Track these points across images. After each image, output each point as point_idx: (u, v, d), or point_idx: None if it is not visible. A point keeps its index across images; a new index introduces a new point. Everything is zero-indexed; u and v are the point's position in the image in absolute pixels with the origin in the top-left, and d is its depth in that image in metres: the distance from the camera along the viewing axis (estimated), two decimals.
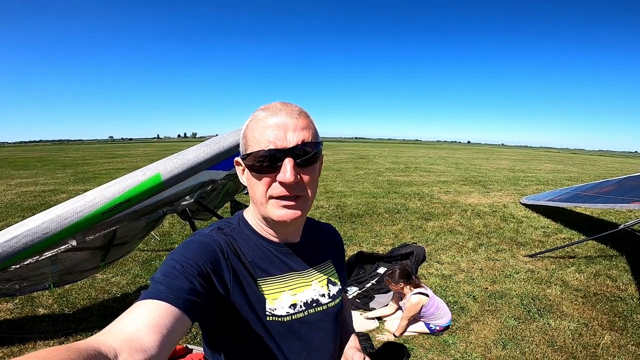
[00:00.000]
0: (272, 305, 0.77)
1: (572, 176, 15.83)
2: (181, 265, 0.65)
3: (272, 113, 0.71)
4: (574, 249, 5.03)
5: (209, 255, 0.71)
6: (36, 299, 3.34)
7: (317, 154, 0.74)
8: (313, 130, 0.74)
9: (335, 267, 0.94)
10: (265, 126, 0.70)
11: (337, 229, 4.57)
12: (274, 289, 0.78)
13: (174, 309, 0.58)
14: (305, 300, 0.82)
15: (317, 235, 0.93)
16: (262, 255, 0.79)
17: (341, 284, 0.93)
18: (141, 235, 3.12)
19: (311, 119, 0.75)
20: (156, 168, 2.06)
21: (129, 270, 4.05)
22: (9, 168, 16.90)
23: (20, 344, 2.65)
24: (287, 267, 0.82)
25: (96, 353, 0.45)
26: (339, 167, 17.21)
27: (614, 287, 3.82)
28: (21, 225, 1.92)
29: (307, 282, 0.84)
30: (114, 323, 0.55)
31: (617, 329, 3.03)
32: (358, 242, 5.28)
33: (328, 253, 0.94)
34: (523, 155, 39.53)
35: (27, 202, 8.11)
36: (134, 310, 0.57)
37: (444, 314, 2.98)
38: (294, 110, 0.72)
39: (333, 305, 0.86)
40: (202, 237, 0.75)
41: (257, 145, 0.70)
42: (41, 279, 2.42)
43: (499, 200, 8.93)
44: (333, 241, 0.98)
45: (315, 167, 0.75)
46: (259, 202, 0.74)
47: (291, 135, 0.69)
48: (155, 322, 0.54)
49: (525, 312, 3.29)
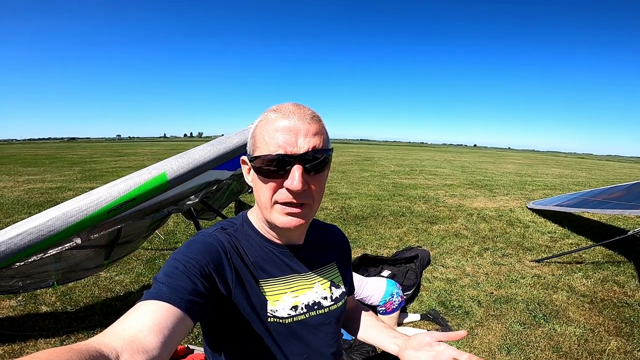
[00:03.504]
0: (274, 306, 0.77)
1: (580, 181, 15.66)
2: (184, 266, 0.65)
3: (284, 115, 0.69)
4: (581, 255, 4.97)
5: (212, 256, 0.71)
6: (39, 296, 3.36)
7: (327, 161, 0.73)
8: (324, 137, 0.73)
9: (340, 269, 0.93)
10: (275, 129, 0.68)
11: None
12: (276, 291, 0.78)
13: (176, 309, 0.58)
14: (307, 302, 0.81)
15: (323, 237, 0.93)
16: (264, 256, 0.79)
17: (346, 287, 0.92)
18: (145, 234, 3.14)
19: (323, 124, 0.74)
20: (162, 167, 2.07)
21: (132, 269, 4.06)
22: (17, 165, 17.09)
23: (21, 341, 2.65)
24: (289, 269, 0.82)
25: (98, 354, 0.45)
26: (343, 168, 17.18)
27: (621, 293, 3.77)
28: (26, 222, 1.93)
29: (309, 284, 0.83)
30: (116, 324, 0.55)
31: (623, 335, 2.99)
32: (362, 244, 5.26)
33: (333, 255, 0.93)
34: (530, 159, 39.22)
35: (34, 198, 8.20)
36: (136, 311, 0.57)
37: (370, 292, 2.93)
38: (307, 114, 0.70)
39: (335, 308, 0.86)
40: (205, 237, 0.75)
41: (266, 148, 0.69)
42: (45, 276, 2.43)
43: (506, 204, 8.85)
44: (339, 243, 0.98)
45: (323, 174, 0.74)
46: (264, 206, 0.74)
47: (302, 140, 0.68)
48: (157, 323, 0.55)
49: (531, 318, 3.25)
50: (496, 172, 19.06)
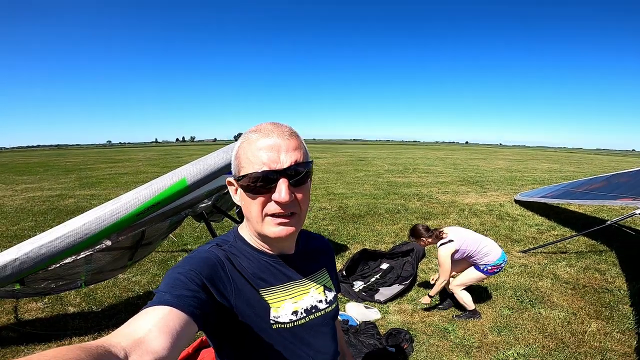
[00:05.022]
0: (276, 312, 0.81)
1: (568, 175, 16.04)
2: (185, 277, 0.68)
3: (265, 134, 0.73)
4: (566, 245, 5.27)
5: (211, 269, 0.74)
6: (64, 298, 3.52)
7: (309, 173, 0.77)
8: (304, 150, 0.77)
9: (330, 274, 1.00)
10: (258, 148, 0.72)
11: (340, 228, 4.92)
12: (276, 298, 0.82)
13: (181, 313, 0.60)
14: (306, 307, 0.86)
15: (311, 245, 0.98)
16: (260, 267, 0.83)
17: (336, 289, 1.02)
18: (164, 236, 3.34)
19: (301, 139, 0.78)
20: (182, 173, 2.27)
21: (147, 270, 4.28)
22: (11, 174, 17.00)
23: (56, 340, 2.81)
24: (285, 277, 0.86)
25: (107, 353, 0.47)
26: (339, 169, 17.42)
27: (602, 280, 4.04)
28: (64, 227, 2.11)
29: (305, 289, 0.88)
30: (125, 326, 0.56)
31: (603, 318, 3.22)
32: (361, 240, 5.51)
33: (322, 262, 0.99)
34: (520, 155, 39.76)
35: (37, 206, 8.31)
36: (143, 315, 0.59)
37: (489, 250, 3.09)
38: (285, 132, 0.74)
39: (330, 310, 0.92)
40: (202, 252, 0.78)
41: (251, 166, 0.72)
42: (75, 277, 2.60)
43: (496, 199, 9.18)
44: (326, 250, 1.03)
45: (307, 185, 0.78)
46: (255, 220, 0.76)
47: (284, 156, 0.72)
48: (165, 324, 0.56)
49: (519, 303, 3.52)
50: (487, 168, 19.46)
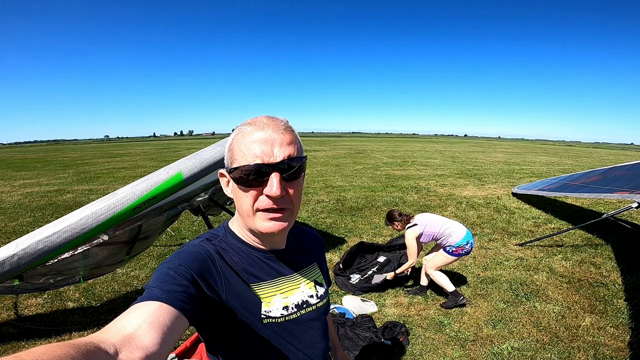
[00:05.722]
0: (268, 307, 0.81)
1: (565, 169, 16.09)
2: (175, 272, 0.67)
3: (259, 128, 0.72)
4: (562, 238, 5.30)
5: (201, 264, 0.73)
6: (63, 293, 3.53)
7: (302, 168, 0.76)
8: (298, 145, 0.76)
9: (321, 268, 1.00)
10: (252, 140, 0.72)
11: (338, 221, 4.95)
12: (267, 293, 0.82)
13: (171, 308, 0.60)
14: (296, 302, 0.86)
15: (303, 240, 0.97)
16: (251, 262, 0.82)
17: (327, 284, 1.03)
18: (161, 230, 3.35)
19: (296, 134, 0.77)
20: (178, 167, 2.26)
21: (146, 265, 4.28)
22: (9, 169, 16.97)
23: (56, 335, 2.82)
24: (275, 272, 0.85)
25: (96, 349, 0.46)
26: (337, 162, 17.45)
27: (597, 274, 4.06)
28: (61, 222, 2.10)
29: (295, 285, 0.88)
30: (114, 322, 0.56)
31: (597, 312, 3.23)
32: (358, 233, 5.53)
33: (313, 256, 0.98)
34: (519, 148, 39.84)
35: (35, 202, 8.30)
36: (133, 311, 0.58)
37: (452, 232, 3.17)
38: (280, 126, 0.74)
39: (321, 305, 0.92)
40: (192, 247, 0.78)
41: (244, 159, 0.72)
42: (73, 273, 2.61)
43: (493, 192, 9.21)
44: (316, 244, 1.03)
45: (300, 180, 0.77)
46: (246, 214, 0.76)
47: (277, 150, 0.71)
48: (155, 320, 0.56)
49: (514, 296, 3.54)
50: (485, 161, 19.50)
